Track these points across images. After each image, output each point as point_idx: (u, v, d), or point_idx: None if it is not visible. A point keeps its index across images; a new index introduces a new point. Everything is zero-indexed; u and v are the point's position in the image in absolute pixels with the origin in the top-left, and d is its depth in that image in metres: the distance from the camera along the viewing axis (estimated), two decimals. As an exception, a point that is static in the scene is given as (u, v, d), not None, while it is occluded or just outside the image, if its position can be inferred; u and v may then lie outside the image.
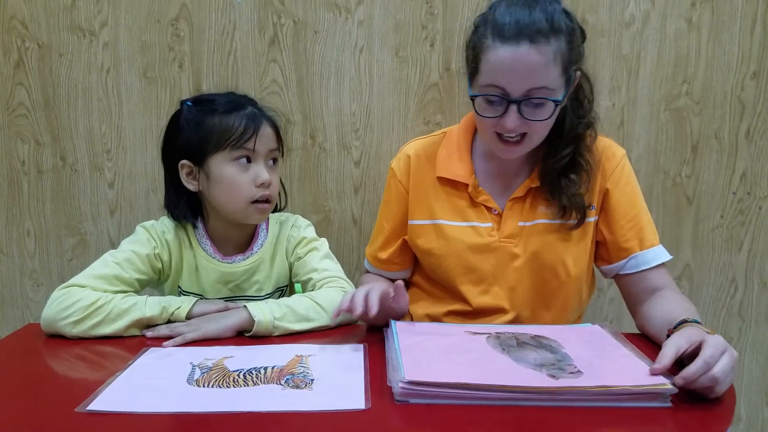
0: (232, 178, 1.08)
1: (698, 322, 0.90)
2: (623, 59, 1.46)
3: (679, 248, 1.54)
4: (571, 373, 0.79)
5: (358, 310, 0.93)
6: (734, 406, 0.78)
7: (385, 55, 1.47)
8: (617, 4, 1.43)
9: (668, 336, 0.91)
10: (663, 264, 1.11)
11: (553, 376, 0.78)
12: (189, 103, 1.12)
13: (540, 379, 0.78)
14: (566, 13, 1.01)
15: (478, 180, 1.15)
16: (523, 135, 1.03)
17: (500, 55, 0.96)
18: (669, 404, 0.76)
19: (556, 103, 0.99)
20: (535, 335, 0.95)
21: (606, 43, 1.45)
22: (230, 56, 1.47)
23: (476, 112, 1.04)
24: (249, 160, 1.08)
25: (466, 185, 1.15)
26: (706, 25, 1.44)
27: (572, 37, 0.99)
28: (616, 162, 1.12)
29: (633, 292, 1.13)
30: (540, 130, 1.03)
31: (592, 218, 1.13)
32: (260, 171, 1.08)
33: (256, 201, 1.09)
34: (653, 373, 0.78)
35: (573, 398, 0.76)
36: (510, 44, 0.95)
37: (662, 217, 1.53)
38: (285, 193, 1.26)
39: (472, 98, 1.03)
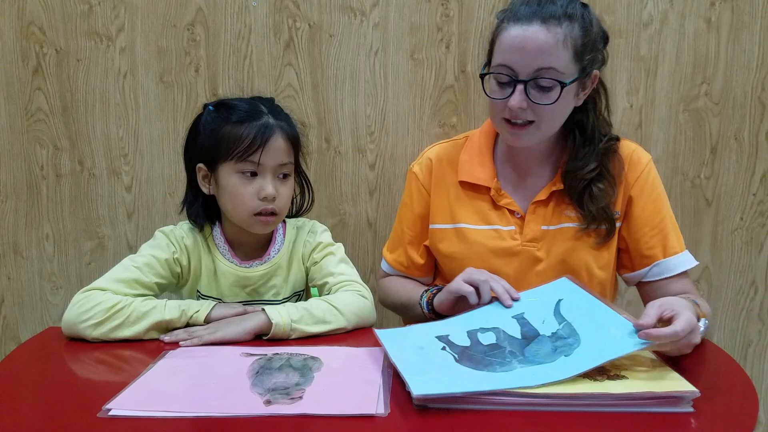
0: (235, 189, 1.08)
1: (696, 303, 0.92)
2: (641, 60, 1.45)
3: (698, 250, 1.53)
4: (290, 398, 0.77)
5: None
6: (757, 411, 0.77)
7: (400, 58, 1.46)
8: (635, 5, 1.42)
9: None
10: (686, 272, 1.11)
11: (268, 402, 0.76)
12: (210, 108, 1.12)
13: (250, 405, 0.75)
14: (586, 8, 1.03)
15: (500, 183, 1.14)
16: (531, 122, 1.04)
17: (512, 34, 1.00)
18: (690, 409, 0.75)
19: (563, 85, 1.00)
20: (311, 356, 0.90)
21: (624, 44, 1.44)
22: (246, 60, 1.47)
23: (486, 94, 1.06)
24: (255, 173, 1.08)
25: (488, 189, 1.14)
26: (726, 24, 1.42)
27: (588, 27, 1.01)
28: (640, 169, 1.11)
29: (654, 299, 1.10)
30: (548, 117, 1.04)
31: (617, 224, 1.12)
32: (265, 184, 1.08)
33: (259, 213, 1.09)
34: (639, 328, 0.81)
35: (594, 403, 0.75)
36: (522, 24, 0.99)
37: (681, 219, 1.51)
38: (311, 194, 1.25)
39: (482, 78, 1.07)
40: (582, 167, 1.08)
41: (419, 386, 0.75)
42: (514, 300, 0.96)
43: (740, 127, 1.47)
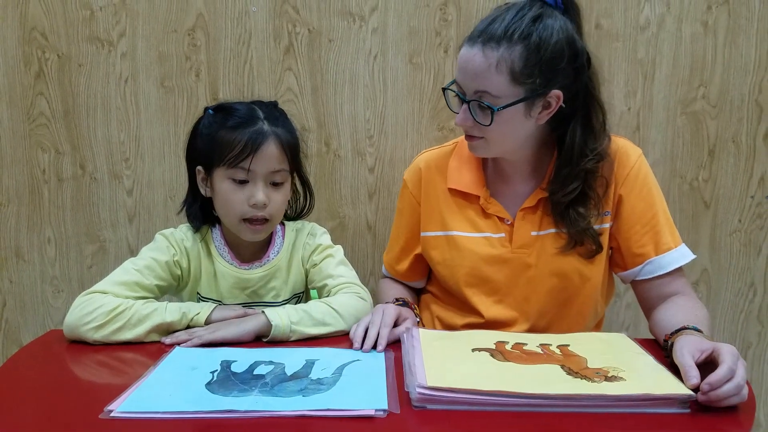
0: (226, 195, 1.08)
1: (698, 330, 0.89)
2: (638, 63, 1.45)
3: (697, 253, 1.51)
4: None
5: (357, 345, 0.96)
6: (754, 412, 0.78)
7: (398, 62, 1.47)
8: (632, 9, 1.43)
9: (665, 341, 0.91)
10: (680, 269, 1.10)
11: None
12: (210, 111, 1.13)
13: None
14: (539, 24, 0.97)
15: (489, 191, 1.14)
16: (482, 137, 1.05)
17: (461, 53, 1.02)
18: (688, 410, 0.76)
19: (493, 110, 0.99)
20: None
21: (621, 48, 1.45)
22: (246, 65, 1.48)
23: (448, 106, 1.10)
24: (246, 180, 1.08)
25: (478, 197, 1.14)
26: (723, 28, 1.43)
27: (536, 47, 0.96)
28: (629, 166, 1.09)
29: (648, 297, 1.11)
30: (494, 136, 1.04)
31: (606, 224, 1.11)
32: (255, 191, 1.07)
33: (249, 220, 1.09)
34: (693, 388, 0.76)
35: (592, 404, 0.76)
36: (468, 44, 1.01)
37: (679, 221, 1.52)
38: (311, 196, 1.26)
39: (444, 91, 1.09)
40: (558, 190, 1.06)
41: (127, 404, 0.76)
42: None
43: (738, 130, 1.48)
